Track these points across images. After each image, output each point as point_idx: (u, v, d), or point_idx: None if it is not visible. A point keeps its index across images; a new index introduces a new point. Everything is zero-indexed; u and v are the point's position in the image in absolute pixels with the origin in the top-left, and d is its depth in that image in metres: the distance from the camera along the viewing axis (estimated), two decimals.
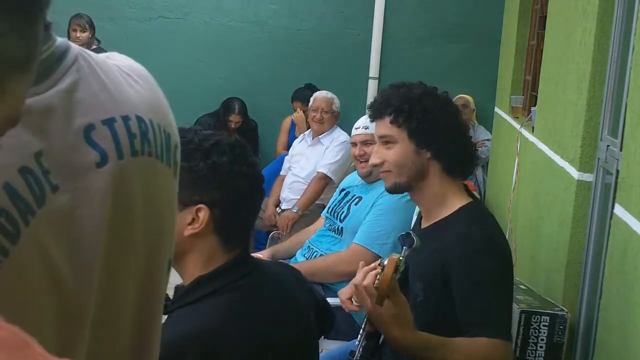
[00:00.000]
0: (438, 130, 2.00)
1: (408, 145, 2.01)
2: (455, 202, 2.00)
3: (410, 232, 1.72)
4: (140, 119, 0.88)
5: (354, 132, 3.22)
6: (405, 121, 2.00)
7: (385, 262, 1.65)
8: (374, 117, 2.08)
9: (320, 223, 3.33)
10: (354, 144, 3.21)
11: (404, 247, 1.70)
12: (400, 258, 1.63)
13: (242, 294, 1.57)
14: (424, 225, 2.07)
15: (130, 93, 0.89)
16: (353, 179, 3.28)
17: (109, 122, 0.84)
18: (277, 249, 3.40)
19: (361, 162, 3.11)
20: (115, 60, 0.92)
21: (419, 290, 1.99)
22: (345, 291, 2.21)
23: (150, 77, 0.96)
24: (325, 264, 3.00)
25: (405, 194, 2.26)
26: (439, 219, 2.01)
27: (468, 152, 2.10)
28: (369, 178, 3.08)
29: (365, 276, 1.77)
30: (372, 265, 1.81)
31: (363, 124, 3.14)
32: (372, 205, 2.99)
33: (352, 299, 2.15)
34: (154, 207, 0.92)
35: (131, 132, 0.86)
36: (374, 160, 2.07)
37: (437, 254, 1.92)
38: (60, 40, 0.82)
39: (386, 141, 2.04)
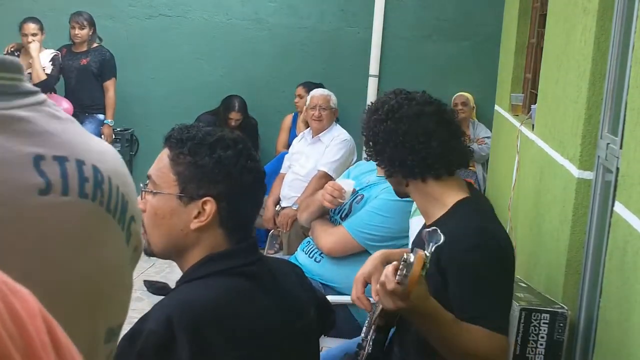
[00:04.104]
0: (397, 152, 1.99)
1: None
2: (450, 200, 1.97)
3: (437, 228, 1.63)
4: (96, 169, 0.84)
5: None
6: (374, 152, 2.04)
7: (412, 259, 1.56)
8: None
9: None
10: None
11: (431, 244, 1.63)
12: (427, 255, 1.57)
13: (247, 281, 1.58)
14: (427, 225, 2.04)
15: (92, 145, 0.87)
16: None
17: (60, 160, 0.81)
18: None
19: None
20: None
21: None
22: (357, 289, 2.17)
23: (114, 153, 0.94)
24: (317, 230, 3.09)
25: None
26: (435, 219, 1.98)
27: (446, 148, 1.98)
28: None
29: (388, 279, 1.69)
30: (395, 264, 1.72)
31: None
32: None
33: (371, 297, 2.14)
34: (93, 259, 0.84)
35: (83, 175, 0.82)
36: None
37: (434, 255, 1.84)
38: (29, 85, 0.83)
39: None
